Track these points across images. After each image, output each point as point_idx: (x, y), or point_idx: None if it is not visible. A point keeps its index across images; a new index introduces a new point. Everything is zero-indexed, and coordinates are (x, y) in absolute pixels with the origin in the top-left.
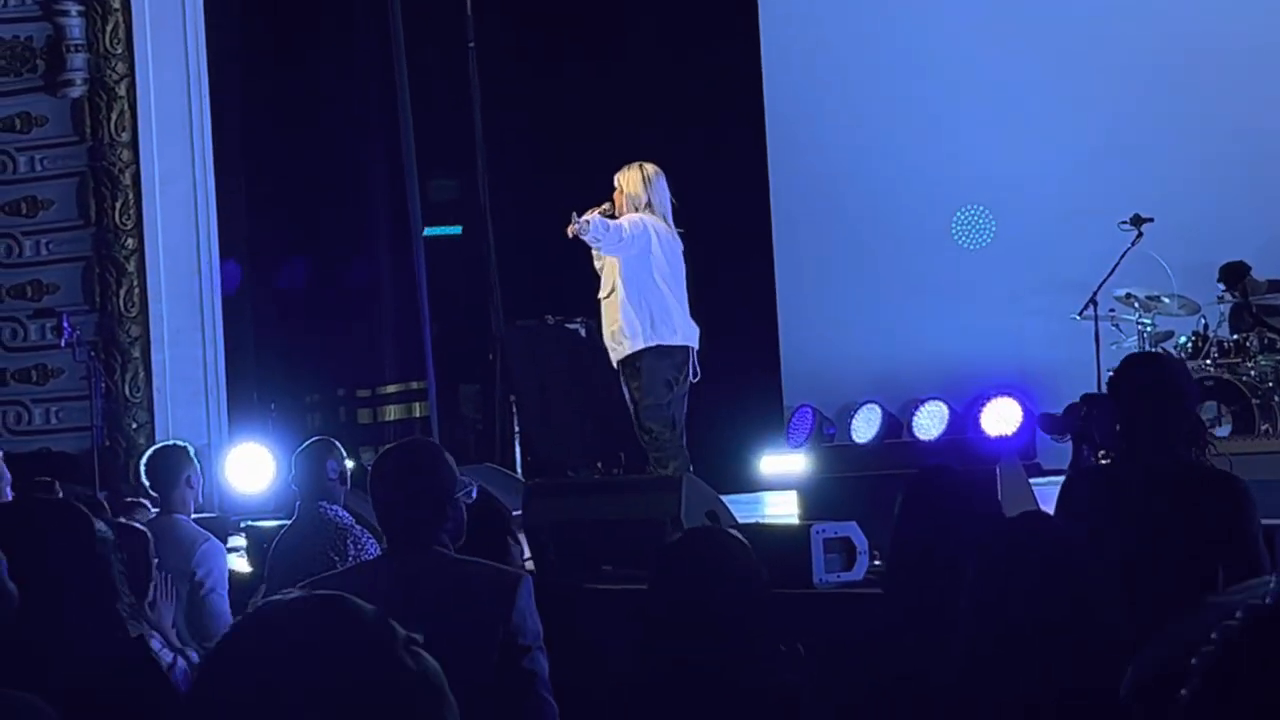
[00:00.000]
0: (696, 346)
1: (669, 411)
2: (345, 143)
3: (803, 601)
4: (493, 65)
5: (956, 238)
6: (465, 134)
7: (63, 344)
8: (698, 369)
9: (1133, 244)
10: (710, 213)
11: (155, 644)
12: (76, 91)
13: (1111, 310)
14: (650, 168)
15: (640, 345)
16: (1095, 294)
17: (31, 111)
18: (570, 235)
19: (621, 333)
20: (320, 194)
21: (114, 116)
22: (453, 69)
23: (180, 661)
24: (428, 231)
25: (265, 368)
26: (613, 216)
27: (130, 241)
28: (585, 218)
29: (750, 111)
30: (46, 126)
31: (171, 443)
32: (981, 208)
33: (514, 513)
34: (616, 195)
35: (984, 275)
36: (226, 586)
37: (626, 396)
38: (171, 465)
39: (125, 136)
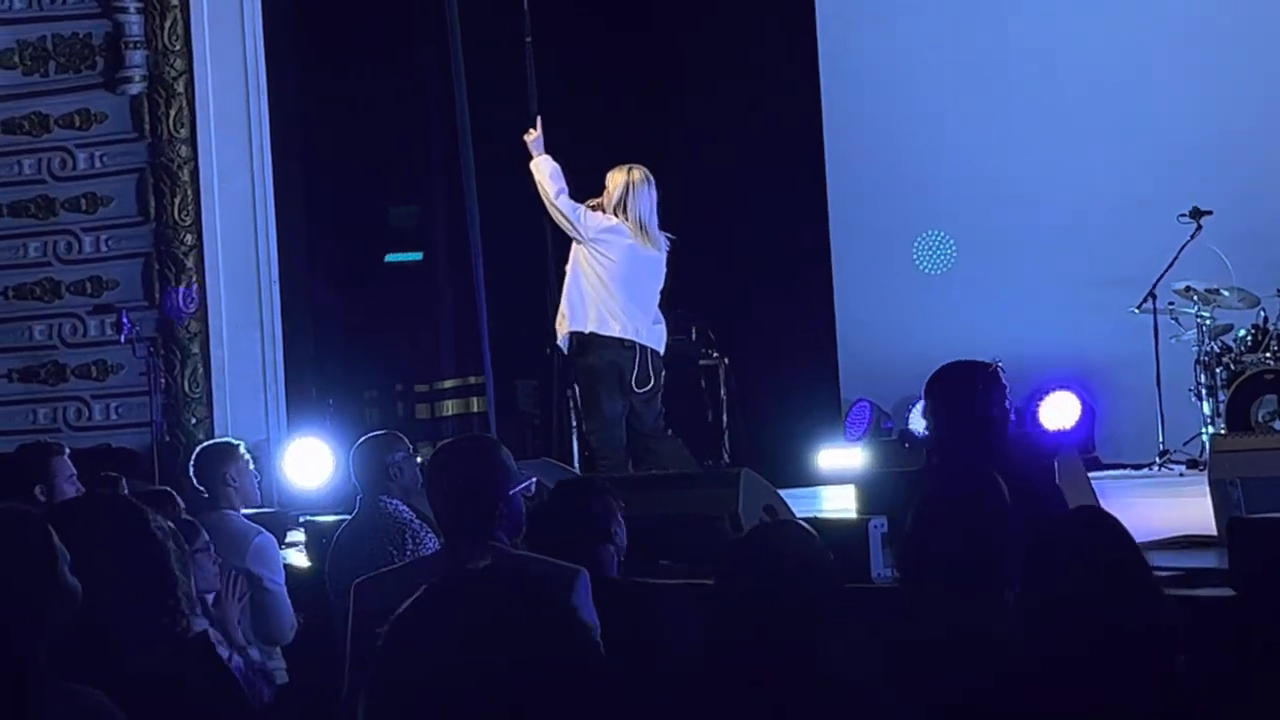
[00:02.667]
0: (657, 348)
1: (611, 432)
2: (403, 138)
3: (861, 596)
4: (549, 61)
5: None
6: (520, 128)
7: (122, 340)
8: (653, 374)
9: (1191, 237)
10: (767, 205)
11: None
12: (135, 88)
13: (1170, 304)
14: (638, 173)
15: (575, 328)
16: (1154, 287)
17: (91, 108)
18: (526, 140)
19: (561, 314)
20: (378, 190)
21: (173, 113)
22: (509, 64)
23: (237, 659)
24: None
25: (324, 363)
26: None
27: (189, 238)
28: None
29: (807, 104)
30: (106, 123)
31: (216, 440)
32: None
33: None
34: (604, 193)
35: (1042, 269)
36: (283, 578)
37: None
38: (214, 462)
39: (184, 133)
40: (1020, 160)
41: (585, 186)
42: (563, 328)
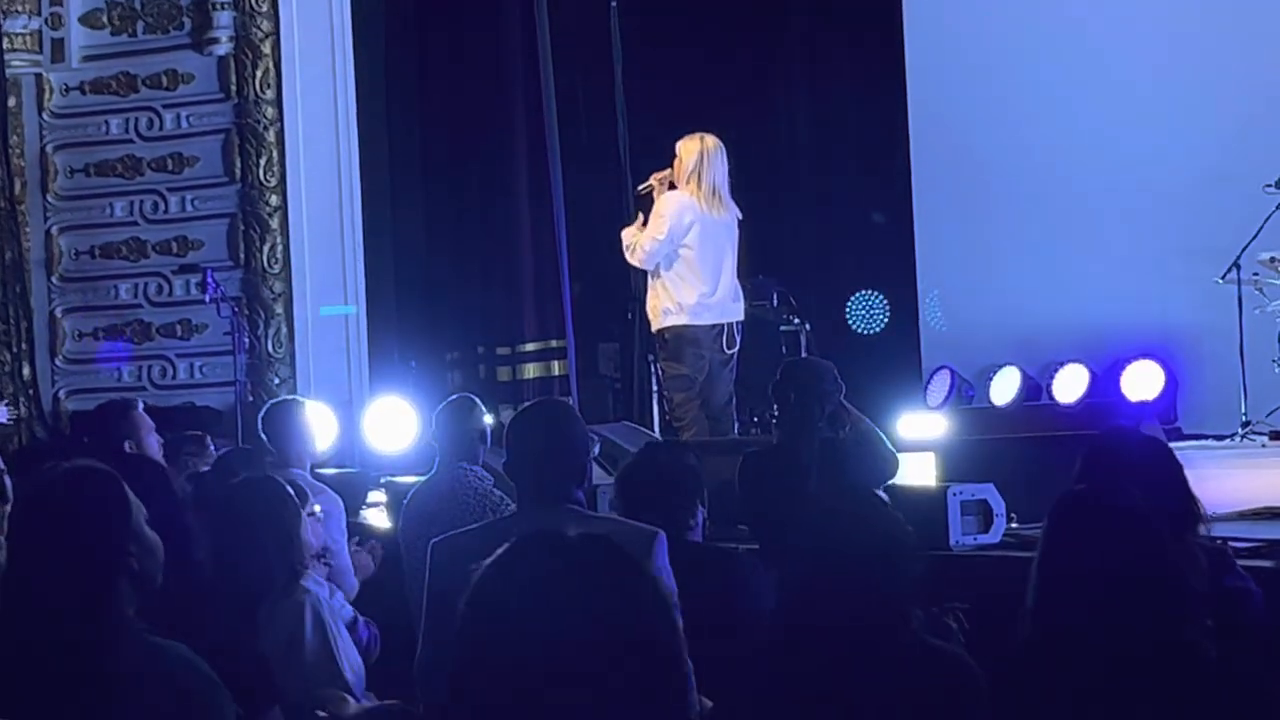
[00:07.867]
0: (736, 319)
1: (690, 395)
2: (488, 98)
3: (939, 563)
4: (635, 21)
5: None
6: (605, 89)
7: (207, 299)
8: (735, 339)
9: (1277, 207)
10: (850, 173)
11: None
12: (222, 49)
13: (1255, 274)
14: (710, 141)
15: (667, 323)
16: (1238, 258)
17: (178, 69)
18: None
19: (652, 310)
20: (462, 150)
21: (259, 74)
22: (594, 27)
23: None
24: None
25: (406, 325)
26: (672, 185)
27: (274, 199)
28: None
29: (892, 71)
30: (193, 84)
31: (281, 398)
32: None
33: None
34: (676, 162)
35: (1126, 238)
36: (345, 538)
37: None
38: (283, 420)
39: (270, 94)
40: (1105, 128)
41: (668, 153)
42: (654, 323)
